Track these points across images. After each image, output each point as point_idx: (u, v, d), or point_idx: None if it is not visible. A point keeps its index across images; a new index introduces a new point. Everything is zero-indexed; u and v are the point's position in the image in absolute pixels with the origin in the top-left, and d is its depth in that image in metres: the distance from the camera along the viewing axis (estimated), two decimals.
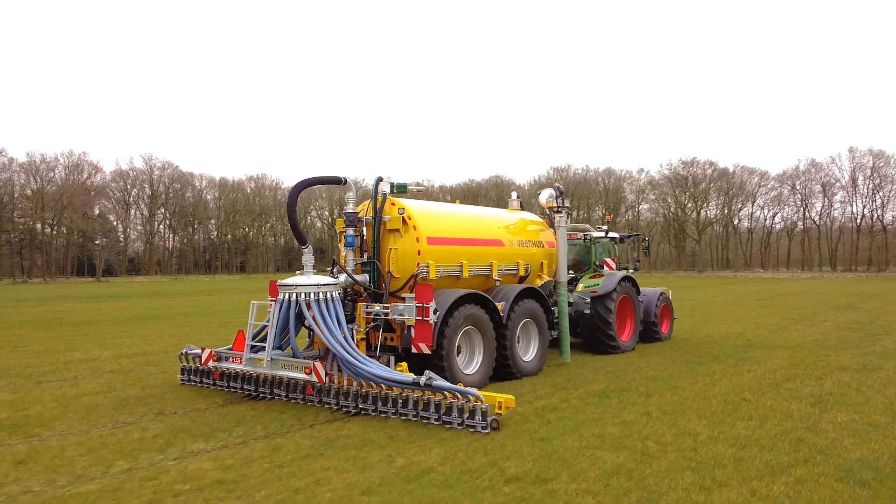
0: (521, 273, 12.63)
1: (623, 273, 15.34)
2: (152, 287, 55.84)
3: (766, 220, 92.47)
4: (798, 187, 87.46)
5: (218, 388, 10.17)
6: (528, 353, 12.19)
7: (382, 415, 8.47)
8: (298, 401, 9.23)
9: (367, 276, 10.60)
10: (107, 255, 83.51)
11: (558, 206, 13.67)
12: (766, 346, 15.41)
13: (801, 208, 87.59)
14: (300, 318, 9.54)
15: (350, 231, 10.58)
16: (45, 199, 75.07)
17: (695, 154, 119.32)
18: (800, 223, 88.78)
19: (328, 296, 9.54)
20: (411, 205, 10.71)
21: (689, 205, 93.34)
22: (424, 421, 8.12)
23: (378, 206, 10.57)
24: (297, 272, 9.98)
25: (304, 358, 9.45)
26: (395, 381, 8.26)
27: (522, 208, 14.58)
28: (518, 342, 12.10)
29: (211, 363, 9.89)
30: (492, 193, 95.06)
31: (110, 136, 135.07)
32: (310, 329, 9.82)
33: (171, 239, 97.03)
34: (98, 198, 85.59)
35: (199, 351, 10.43)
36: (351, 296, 10.68)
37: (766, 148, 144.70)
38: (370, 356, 10.05)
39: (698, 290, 41.72)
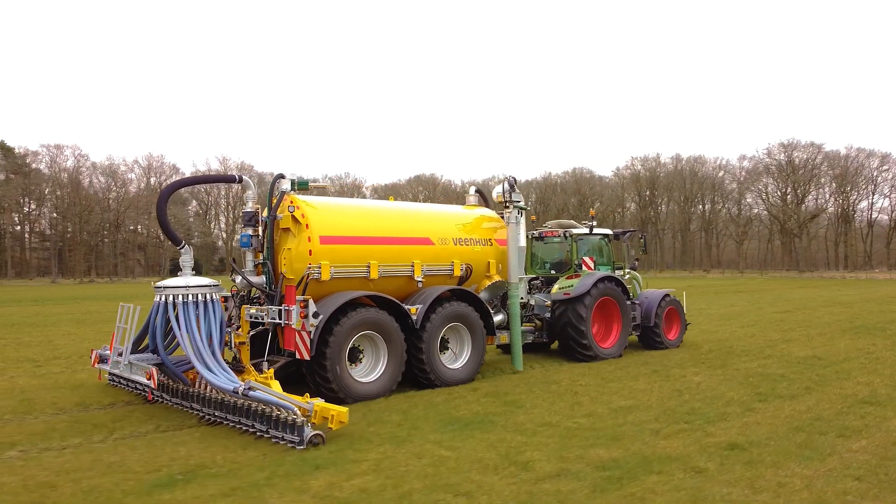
0: (459, 273, 11.72)
1: (602, 273, 13.98)
2: None
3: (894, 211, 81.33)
4: None
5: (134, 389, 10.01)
6: (458, 359, 11.30)
7: (230, 424, 7.98)
8: (178, 405, 8.94)
9: (263, 278, 10.15)
10: (197, 255, 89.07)
11: (506, 201, 12.59)
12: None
13: None
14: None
15: (248, 231, 10.18)
16: (140, 201, 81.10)
17: (793, 135, 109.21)
18: None
19: (206, 298, 9.18)
20: (309, 202, 10.13)
21: (791, 195, 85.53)
22: (259, 433, 7.53)
23: (274, 204, 10.08)
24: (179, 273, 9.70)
25: (175, 363, 9.13)
26: (219, 388, 7.75)
27: (488, 205, 13.62)
28: (447, 348, 11.26)
29: (96, 365, 9.80)
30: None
31: (186, 138, 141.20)
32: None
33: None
34: (189, 200, 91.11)
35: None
36: (255, 298, 10.31)
37: (883, 128, 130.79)
38: (272, 360, 9.64)
39: (764, 295, 38.18)
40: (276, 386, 8.41)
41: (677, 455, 6.56)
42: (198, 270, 9.74)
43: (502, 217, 12.88)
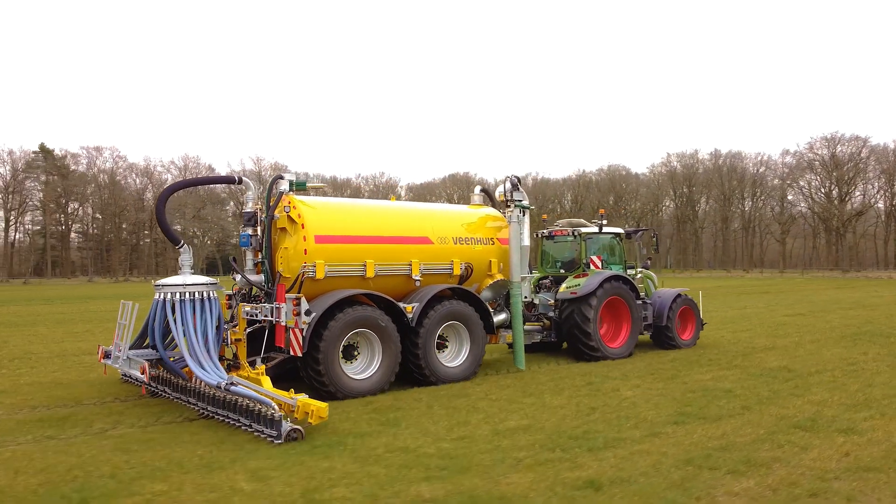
0: (459, 272, 11.78)
1: (610, 272, 13.86)
2: None
3: None
4: None
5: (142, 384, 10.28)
6: (456, 358, 11.38)
7: (220, 418, 8.22)
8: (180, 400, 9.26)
9: (262, 277, 10.41)
10: (237, 254, 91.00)
11: (507, 200, 12.61)
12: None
13: None
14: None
15: (247, 230, 10.46)
16: (175, 201, 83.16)
17: (837, 129, 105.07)
18: None
19: (203, 296, 9.46)
20: (306, 202, 10.33)
21: (835, 191, 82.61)
22: (245, 428, 7.75)
23: (272, 204, 10.32)
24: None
25: (178, 360, 9.43)
26: (206, 383, 8.00)
27: (494, 204, 13.65)
28: (445, 347, 11.36)
29: (102, 361, 10.19)
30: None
31: (222, 139, 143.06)
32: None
33: None
34: (227, 200, 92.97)
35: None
36: (255, 297, 10.58)
37: None
38: (268, 357, 9.89)
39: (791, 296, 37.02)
40: (266, 382, 8.64)
41: (514, 494, 5.66)
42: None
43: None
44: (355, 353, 10.23)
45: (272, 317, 9.44)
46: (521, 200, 12.67)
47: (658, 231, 18.91)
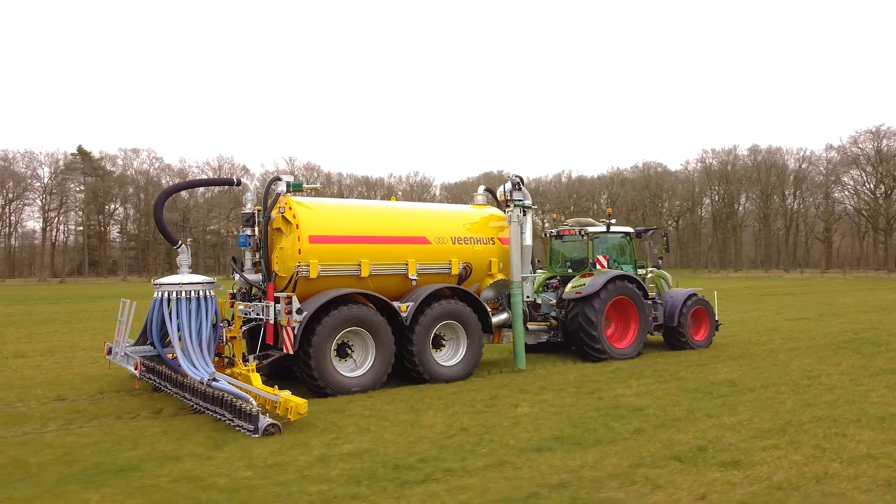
0: (457, 272, 11.83)
1: (616, 272, 13.74)
2: None
3: None
4: None
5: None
6: (453, 357, 11.45)
7: (209, 412, 8.46)
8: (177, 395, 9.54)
9: (260, 276, 10.66)
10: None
11: (507, 200, 12.61)
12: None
13: None
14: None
15: (246, 231, 10.73)
16: (210, 201, 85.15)
17: (882, 122, 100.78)
18: None
19: (200, 294, 9.74)
20: (302, 203, 10.53)
21: (881, 188, 79.50)
22: (228, 421, 7.97)
23: (269, 205, 10.56)
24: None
25: (171, 356, 9.74)
26: (192, 377, 8.28)
27: (498, 204, 13.67)
28: (442, 346, 11.44)
29: (108, 356, 10.59)
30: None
31: (255, 140, 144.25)
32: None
33: None
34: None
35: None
36: (255, 295, 10.84)
37: None
38: (266, 355, 10.13)
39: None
40: (255, 378, 8.86)
41: None
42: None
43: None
44: (350, 351, 10.39)
45: (262, 315, 9.68)
46: (521, 200, 12.65)
47: (668, 231, 18.51)
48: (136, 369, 9.13)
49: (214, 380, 7.90)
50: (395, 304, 10.68)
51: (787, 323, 20.51)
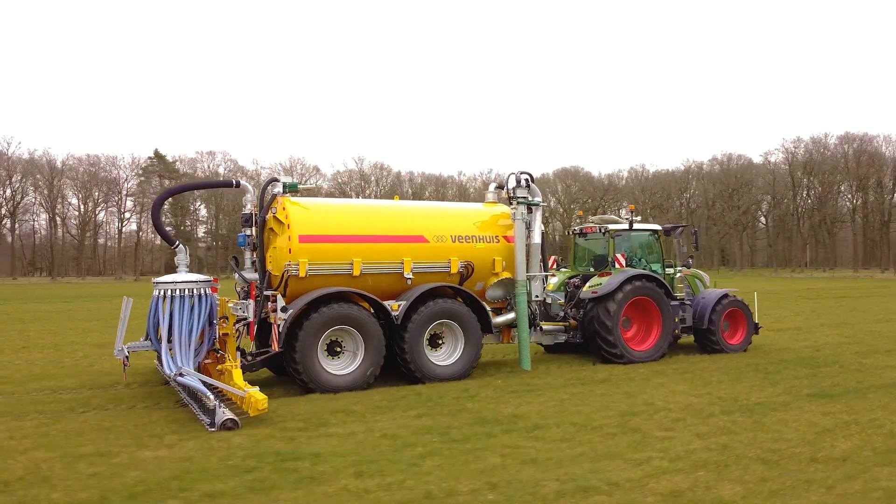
0: (457, 271, 11.68)
1: (635, 271, 13.20)
2: None
3: None
4: None
5: None
6: (450, 356, 11.32)
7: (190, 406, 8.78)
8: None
9: (258, 275, 10.94)
10: None
11: (510, 197, 12.34)
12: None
13: None
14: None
15: (245, 231, 11.07)
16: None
17: None
18: None
19: (194, 292, 10.10)
20: (296, 203, 10.70)
21: None
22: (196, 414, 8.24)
23: (264, 206, 10.81)
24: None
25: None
26: (166, 370, 8.63)
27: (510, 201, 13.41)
28: (439, 345, 11.35)
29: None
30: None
31: (326, 140, 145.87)
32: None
33: None
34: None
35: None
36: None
37: None
38: (265, 352, 10.42)
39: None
40: (237, 374, 9.12)
41: None
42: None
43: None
44: (339, 349, 10.48)
45: (246, 313, 9.93)
46: (524, 198, 12.34)
47: (696, 229, 17.32)
48: (124, 364, 9.59)
49: (181, 374, 8.19)
50: (387, 303, 10.68)
51: (787, 333, 17.57)
